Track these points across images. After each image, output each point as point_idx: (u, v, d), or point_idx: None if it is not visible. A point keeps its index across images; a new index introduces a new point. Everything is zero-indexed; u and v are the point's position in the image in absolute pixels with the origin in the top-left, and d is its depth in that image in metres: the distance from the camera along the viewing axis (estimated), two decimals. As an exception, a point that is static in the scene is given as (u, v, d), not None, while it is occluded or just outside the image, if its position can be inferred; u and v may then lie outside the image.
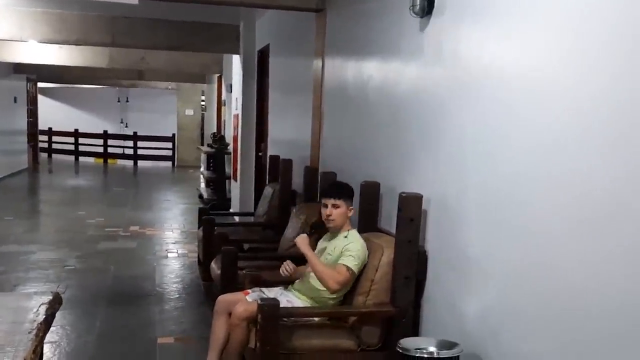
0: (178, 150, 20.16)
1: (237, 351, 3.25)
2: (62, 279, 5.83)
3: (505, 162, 2.54)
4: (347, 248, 3.32)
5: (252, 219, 7.45)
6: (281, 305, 3.12)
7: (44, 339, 3.04)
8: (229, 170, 10.25)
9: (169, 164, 20.09)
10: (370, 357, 3.29)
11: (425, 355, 2.62)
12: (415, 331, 3.27)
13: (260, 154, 8.42)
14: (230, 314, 3.52)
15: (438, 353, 2.62)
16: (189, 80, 17.49)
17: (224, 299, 3.58)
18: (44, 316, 3.11)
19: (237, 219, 8.09)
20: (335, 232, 3.48)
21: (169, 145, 20.28)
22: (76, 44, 9.31)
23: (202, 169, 12.70)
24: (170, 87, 20.02)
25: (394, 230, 3.65)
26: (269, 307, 3.09)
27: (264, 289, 3.60)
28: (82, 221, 9.04)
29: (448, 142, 3.03)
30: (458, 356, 2.61)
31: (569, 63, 2.17)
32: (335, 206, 3.45)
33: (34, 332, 2.88)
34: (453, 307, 2.95)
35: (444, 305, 3.07)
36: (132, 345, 4.24)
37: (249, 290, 3.60)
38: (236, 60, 9.42)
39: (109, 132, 21.01)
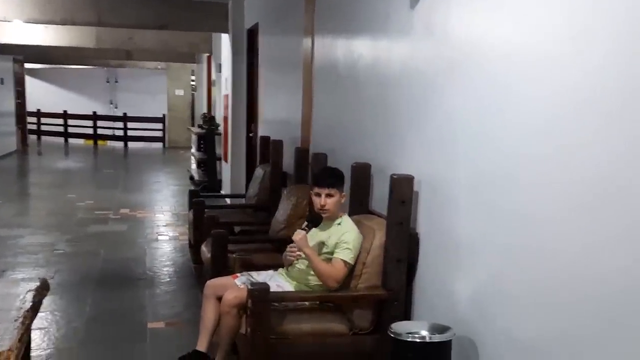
0: (169, 131, 20.02)
1: (228, 337, 3.21)
2: (52, 264, 5.78)
3: (497, 142, 2.49)
4: (343, 239, 3.24)
5: (243, 200, 7.42)
6: (271, 290, 3.07)
7: (31, 326, 3.00)
8: (219, 151, 10.18)
9: (160, 145, 19.96)
10: (362, 341, 3.25)
11: (418, 340, 2.59)
12: (407, 314, 3.23)
13: (251, 134, 8.34)
14: (219, 298, 3.47)
15: (430, 337, 2.58)
16: (178, 60, 17.32)
17: (212, 283, 3.53)
18: (30, 303, 3.07)
19: (228, 200, 8.04)
20: (328, 220, 3.42)
21: (160, 126, 20.14)
22: (62, 24, 9.15)
23: (193, 150, 12.62)
24: (159, 67, 19.83)
25: (385, 212, 3.61)
26: (259, 292, 3.05)
27: (252, 273, 3.55)
28: (72, 204, 8.96)
29: (438, 122, 2.97)
30: (450, 340, 2.58)
31: (564, 39, 2.10)
32: (329, 195, 3.37)
33: (20, 320, 2.84)
34: (444, 290, 2.92)
35: (435, 288, 3.03)
36: (122, 330, 4.20)
37: (238, 274, 3.55)
38: (225, 39, 9.31)
39: (99, 113, 20.82)
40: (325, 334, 3.22)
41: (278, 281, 3.41)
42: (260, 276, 3.50)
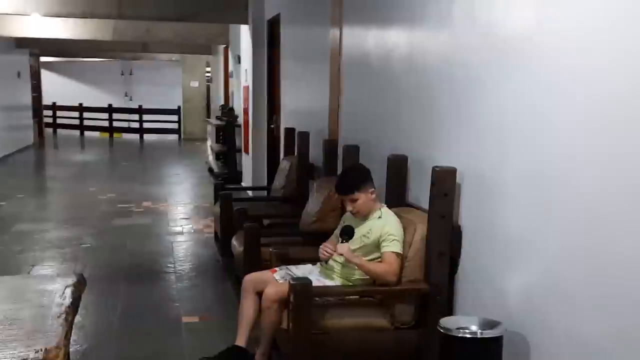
0: (184, 123, 20.03)
1: (269, 333, 3.18)
2: (79, 258, 5.77)
3: (554, 135, 2.42)
4: (388, 232, 3.20)
5: (265, 193, 7.39)
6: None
7: (73, 323, 2.98)
8: (239, 143, 10.14)
9: (175, 137, 19.98)
10: (404, 336, 3.21)
11: (468, 335, 2.55)
12: (449, 308, 3.19)
13: (272, 126, 8.30)
14: (258, 293, 3.45)
15: (482, 333, 2.53)
16: (193, 52, 17.29)
17: (251, 278, 3.49)
18: (70, 299, 3.05)
19: (249, 193, 8.01)
20: (365, 215, 3.37)
21: (175, 118, 20.15)
22: (82, 17, 9.16)
23: (209, 142, 12.60)
24: (174, 58, 19.82)
25: (423, 205, 3.55)
26: (302, 287, 3.02)
27: (291, 267, 3.52)
28: (94, 197, 8.97)
29: (486, 113, 2.90)
30: (502, 336, 2.53)
31: (625, 29, 2.04)
32: (353, 200, 3.33)
33: (63, 316, 2.82)
34: (491, 283, 2.86)
35: (481, 282, 2.98)
36: (157, 325, 4.17)
37: (276, 269, 3.52)
38: (244, 30, 9.25)
39: (114, 105, 20.84)
40: (367, 328, 3.18)
41: (318, 275, 3.37)
42: (299, 270, 3.47)
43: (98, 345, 3.85)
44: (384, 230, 3.22)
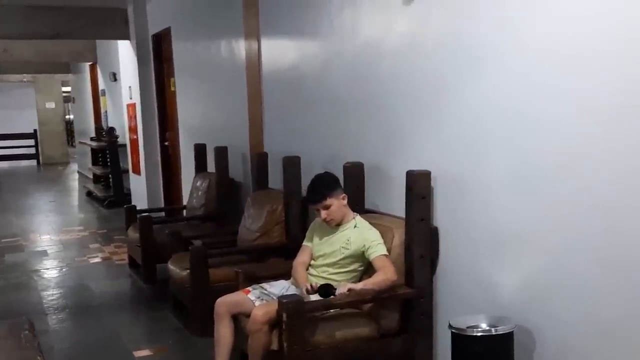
0: (42, 147, 18.77)
1: (260, 356, 3.06)
2: (-15, 302, 5.22)
3: (538, 138, 2.53)
4: (369, 239, 3.20)
5: (163, 214, 7.11)
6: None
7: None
8: (124, 163, 9.66)
9: (33, 162, 18.66)
10: (391, 343, 3.23)
11: (480, 334, 2.61)
12: (430, 311, 3.25)
13: (166, 143, 8.01)
14: (233, 316, 3.33)
15: (496, 330, 2.60)
16: (49, 71, 16.25)
17: (224, 301, 3.35)
18: (37, 347, 2.78)
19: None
20: (339, 224, 3.35)
21: (31, 142, 18.81)
22: (-61, 38, 8.29)
23: (74, 166, 11.83)
24: (25, 79, 18.52)
25: (382, 209, 3.62)
26: (294, 305, 2.94)
27: (264, 285, 3.42)
28: (-30, 234, 8.16)
29: (458, 117, 2.98)
30: (513, 331, 2.62)
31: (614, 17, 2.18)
32: (326, 207, 3.31)
33: (43, 367, 2.56)
34: (478, 281, 2.95)
35: (466, 280, 3.05)
36: (110, 364, 3.87)
37: (249, 288, 3.40)
38: (123, 46, 8.86)
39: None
40: (356, 339, 3.16)
41: (295, 290, 3.30)
42: (273, 288, 3.38)
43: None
44: (365, 238, 3.21)
